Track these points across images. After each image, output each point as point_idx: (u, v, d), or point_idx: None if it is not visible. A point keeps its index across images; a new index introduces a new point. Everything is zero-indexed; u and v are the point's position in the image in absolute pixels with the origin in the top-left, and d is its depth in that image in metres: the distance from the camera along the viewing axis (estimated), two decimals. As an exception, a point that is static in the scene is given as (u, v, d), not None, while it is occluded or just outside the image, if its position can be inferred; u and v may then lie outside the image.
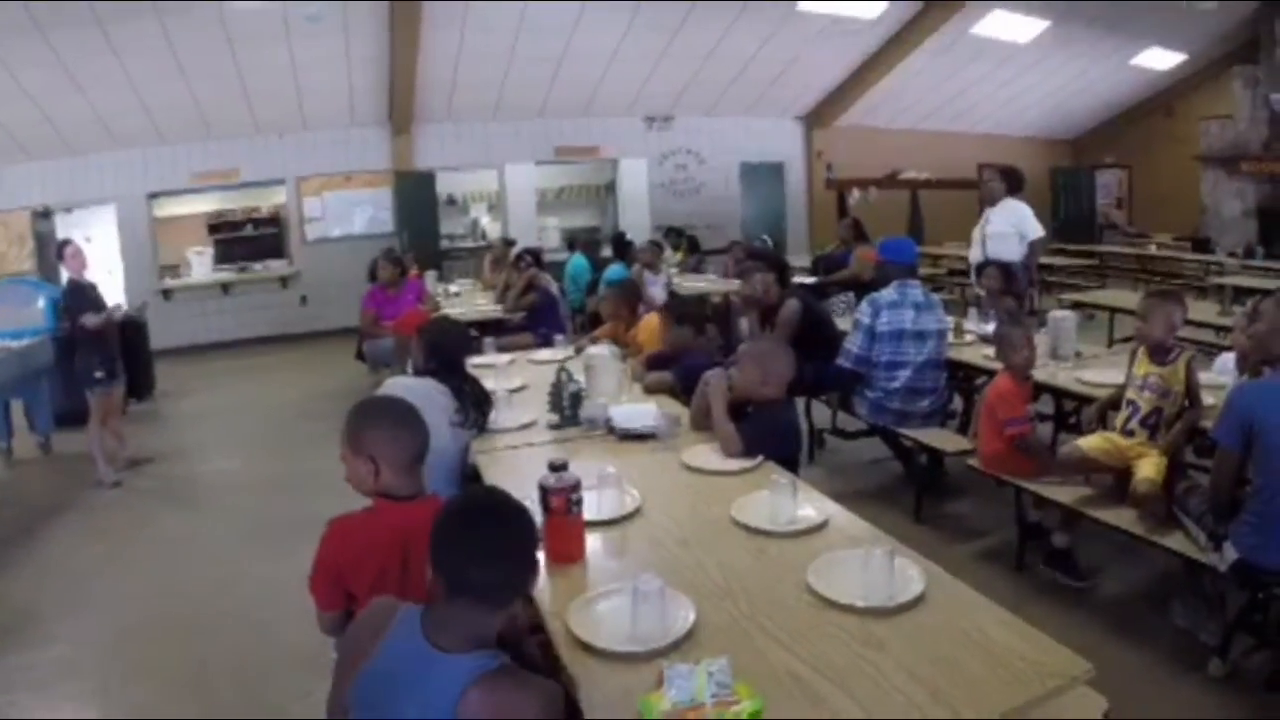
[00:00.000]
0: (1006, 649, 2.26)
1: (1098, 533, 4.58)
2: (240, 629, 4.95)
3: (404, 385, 4.23)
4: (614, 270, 10.42)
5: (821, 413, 7.06)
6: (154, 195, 14.40)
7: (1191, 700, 3.75)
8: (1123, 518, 4.22)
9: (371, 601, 2.31)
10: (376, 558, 2.63)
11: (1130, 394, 4.55)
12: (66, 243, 7.75)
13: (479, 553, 2.08)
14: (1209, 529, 3.81)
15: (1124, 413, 4.56)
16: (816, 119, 17.56)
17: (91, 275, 7.88)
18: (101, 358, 7.48)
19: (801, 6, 13.48)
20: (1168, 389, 4.40)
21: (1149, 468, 4.22)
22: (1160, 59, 16.50)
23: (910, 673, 2.18)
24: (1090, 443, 4.57)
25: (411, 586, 2.35)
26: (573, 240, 13.03)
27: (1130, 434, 4.47)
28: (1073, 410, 6.00)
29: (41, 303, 9.00)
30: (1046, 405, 5.94)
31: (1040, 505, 4.83)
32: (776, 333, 6.30)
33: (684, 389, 5.07)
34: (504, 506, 2.22)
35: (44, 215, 13.76)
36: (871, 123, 17.52)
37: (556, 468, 2.94)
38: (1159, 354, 4.47)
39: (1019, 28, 14.70)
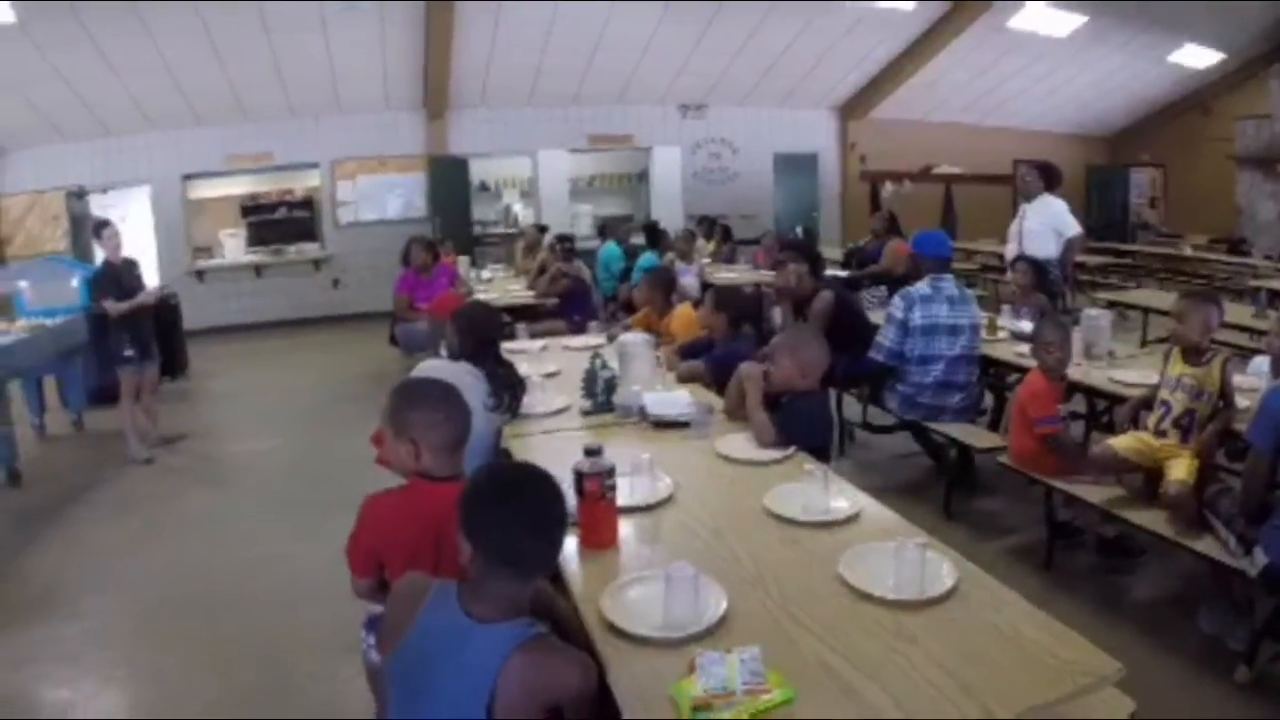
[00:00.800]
0: (1038, 645, 2.26)
1: (1127, 533, 4.56)
2: (267, 608, 4.99)
3: (438, 368, 4.26)
4: (646, 258, 10.44)
5: (852, 407, 7.04)
6: (188, 177, 14.55)
7: (1216, 706, 3.72)
8: (1152, 519, 4.19)
9: (402, 579, 2.34)
10: (412, 537, 2.64)
11: (1163, 394, 4.51)
12: (105, 224, 7.74)
13: (526, 523, 2.13)
14: (1239, 533, 3.77)
15: (1156, 413, 4.52)
16: (851, 110, 17.51)
17: (131, 256, 7.88)
18: (132, 336, 7.53)
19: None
20: (1201, 390, 4.36)
21: (1180, 469, 4.19)
22: (1197, 56, 16.29)
23: (941, 666, 2.18)
24: (1122, 442, 4.54)
25: (445, 565, 2.38)
26: (606, 228, 13.02)
27: (1162, 434, 4.44)
28: (1105, 410, 5.97)
29: (75, 282, 9.10)
30: (1079, 404, 5.90)
31: (1071, 504, 4.81)
32: (809, 324, 6.29)
33: (716, 379, 5.08)
34: (539, 476, 2.27)
35: (79, 196, 13.85)
36: (906, 115, 17.43)
37: (591, 452, 2.95)
38: (1193, 355, 4.43)
39: (1056, 21, 14.57)
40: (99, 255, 7.80)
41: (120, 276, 7.57)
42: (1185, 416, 4.38)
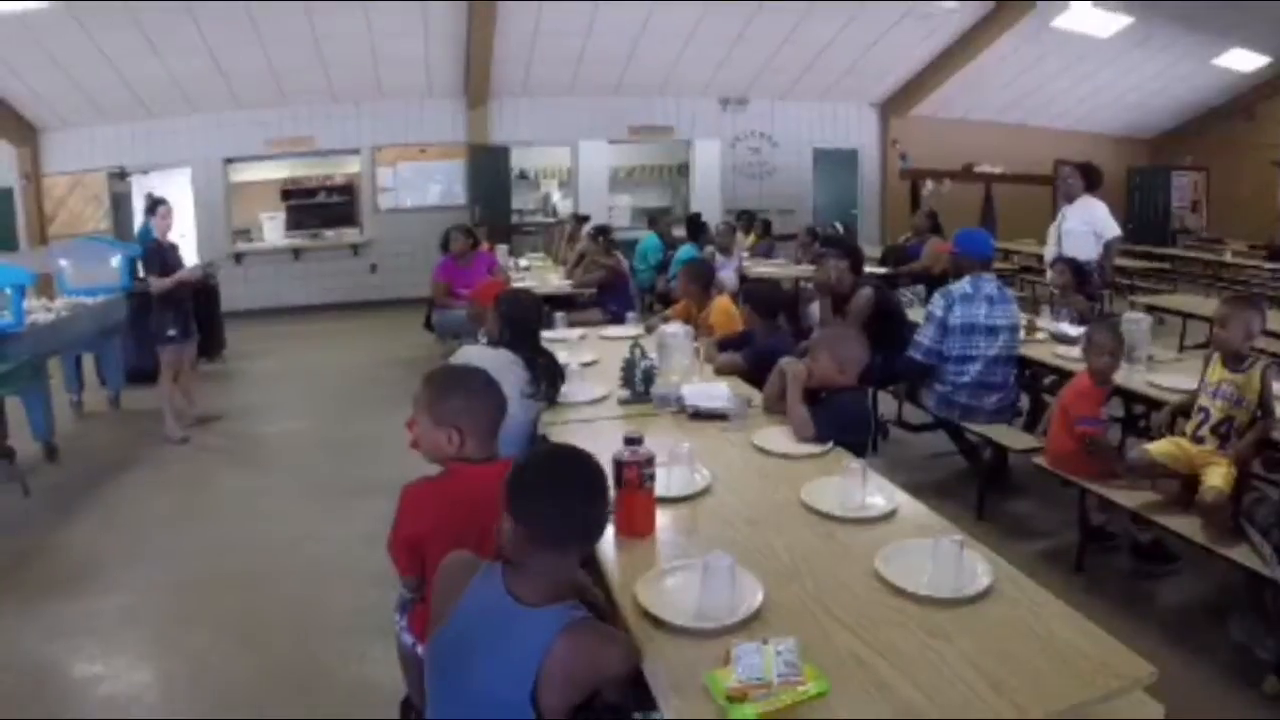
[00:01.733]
0: (1071, 647, 2.26)
1: (1162, 539, 4.54)
2: (299, 587, 5.04)
3: (478, 354, 4.30)
4: (685, 250, 10.43)
5: (887, 404, 7.04)
6: (229, 160, 14.66)
7: (1243, 715, 3.71)
8: (1186, 525, 4.15)
9: (449, 558, 2.36)
10: (454, 522, 2.65)
11: (1202, 400, 4.47)
12: (161, 201, 7.87)
13: (571, 501, 2.16)
14: (1275, 543, 3.73)
15: (1195, 419, 4.48)
16: (893, 107, 17.44)
17: (170, 237, 7.99)
18: (175, 315, 7.65)
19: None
20: (1240, 397, 4.32)
21: (1217, 476, 4.15)
22: (1243, 60, 16.14)
23: (974, 664, 2.18)
24: (1159, 447, 4.51)
25: (488, 547, 2.41)
26: (653, 218, 13.02)
27: (1200, 440, 4.40)
28: (1143, 414, 5.94)
29: (116, 261, 9.17)
30: (1116, 408, 5.86)
31: (1106, 508, 4.79)
32: (848, 321, 6.29)
33: (754, 372, 5.08)
34: (581, 456, 2.31)
35: (120, 177, 14.05)
36: (947, 114, 17.36)
37: (632, 441, 2.96)
38: (1234, 361, 4.39)
39: (1100, 22, 14.48)
40: (139, 231, 8.06)
41: (165, 256, 7.71)
42: (1224, 423, 4.34)
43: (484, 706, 2.07)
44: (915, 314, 6.76)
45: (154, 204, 7.86)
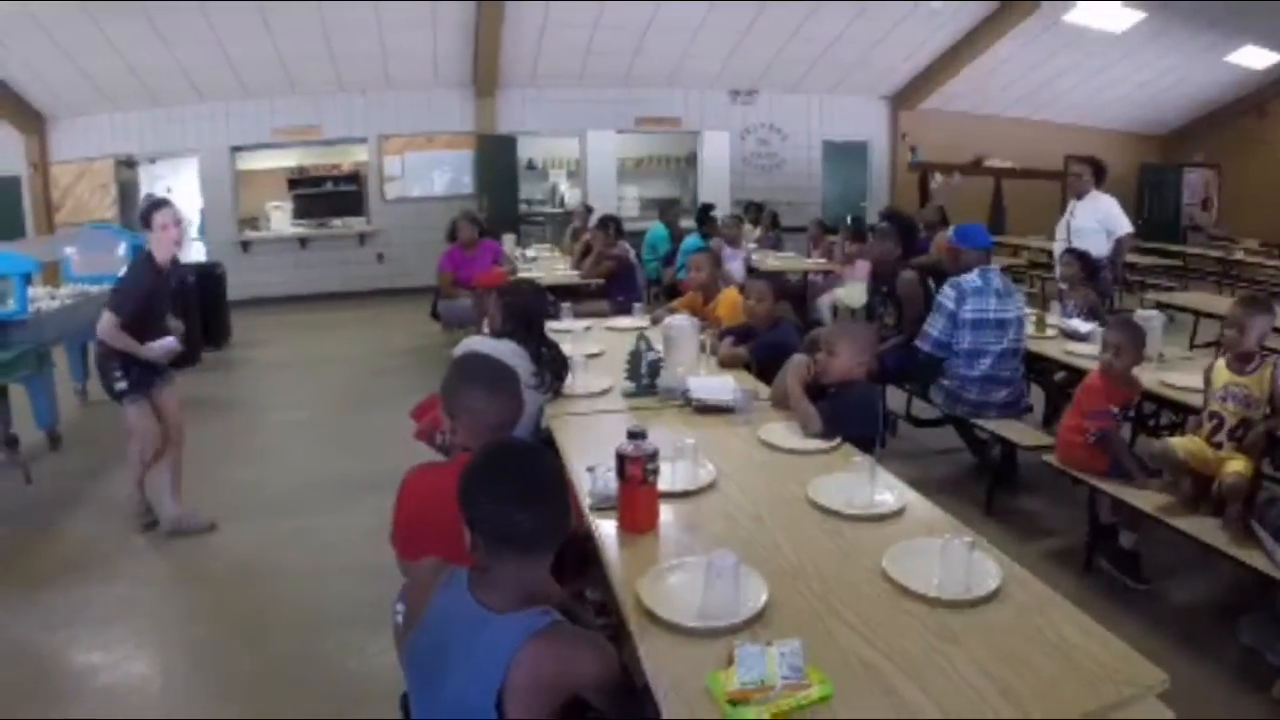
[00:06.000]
0: (1081, 651, 2.22)
1: (1170, 540, 4.48)
2: (300, 579, 5.02)
3: (481, 344, 4.26)
4: (691, 240, 10.39)
5: (894, 399, 6.99)
6: (236, 149, 14.64)
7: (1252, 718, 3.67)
8: (1200, 526, 4.11)
9: (421, 563, 2.32)
10: (452, 514, 2.61)
11: (1213, 407, 4.39)
12: (160, 204, 5.39)
13: (515, 499, 2.07)
14: (1287, 546, 3.70)
15: (1207, 425, 4.40)
16: (902, 100, 17.38)
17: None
18: (125, 361, 5.32)
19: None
20: (1251, 397, 4.26)
21: (1238, 464, 4.10)
22: (1256, 57, 16.04)
23: (982, 668, 2.14)
24: (1181, 443, 4.45)
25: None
26: (661, 209, 12.99)
27: (1218, 447, 4.34)
28: (1153, 413, 5.89)
29: (122, 250, 9.13)
30: (1125, 405, 5.83)
31: (1118, 509, 4.72)
32: (904, 305, 6.58)
33: (759, 365, 5.05)
34: (526, 450, 2.26)
35: (128, 165, 14.05)
36: (958, 107, 17.30)
37: (635, 435, 2.92)
38: (1240, 363, 4.33)
39: (1113, 17, 14.40)
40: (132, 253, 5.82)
41: (152, 293, 5.33)
42: (1240, 428, 4.28)
43: (456, 711, 2.02)
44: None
45: (150, 208, 5.37)
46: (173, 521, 5.59)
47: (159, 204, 5.40)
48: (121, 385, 5.30)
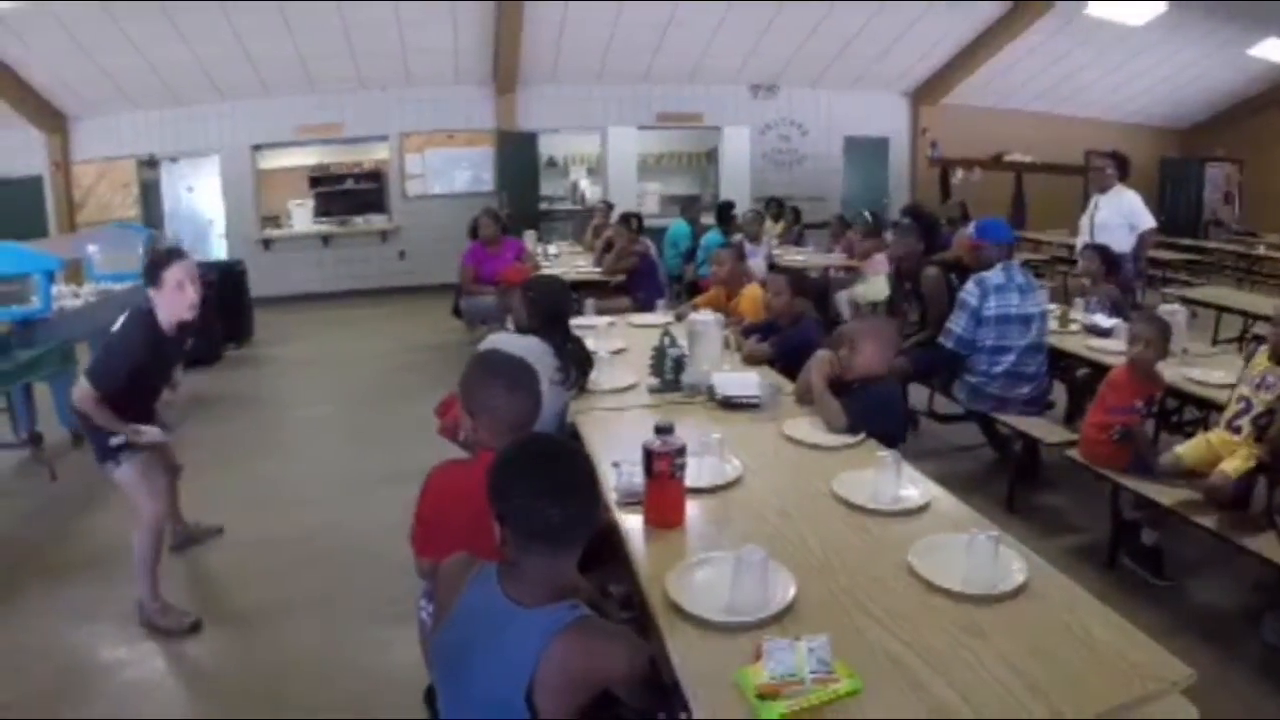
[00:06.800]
0: (1107, 647, 2.23)
1: (1196, 537, 4.46)
2: (323, 575, 5.04)
3: (506, 341, 4.26)
4: (711, 236, 10.38)
5: (917, 395, 6.98)
6: (258, 147, 14.68)
7: (1275, 718, 3.66)
8: (1222, 524, 4.09)
9: (450, 559, 2.32)
10: (474, 511, 2.62)
11: (1243, 390, 4.38)
12: (173, 256, 4.53)
13: (547, 494, 2.06)
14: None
15: (1234, 407, 4.39)
16: (923, 95, 17.27)
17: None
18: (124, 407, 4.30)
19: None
20: (1284, 390, 4.26)
21: (1233, 461, 4.10)
22: (1278, 50, 15.88)
23: (1009, 663, 2.15)
24: (1190, 451, 4.43)
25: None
26: (683, 206, 12.98)
27: (1237, 430, 4.32)
28: (1176, 408, 5.87)
29: (143, 248, 9.19)
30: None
31: (1142, 505, 4.71)
32: (927, 303, 6.56)
33: (783, 361, 5.06)
34: (557, 446, 2.25)
35: (149, 164, 14.12)
36: (979, 102, 17.17)
37: (662, 430, 2.93)
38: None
39: (1134, 10, 14.28)
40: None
41: (145, 367, 4.35)
42: (1265, 415, 4.27)
43: (484, 707, 2.02)
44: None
45: (157, 263, 4.46)
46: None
47: (174, 255, 4.52)
48: (117, 439, 4.32)
